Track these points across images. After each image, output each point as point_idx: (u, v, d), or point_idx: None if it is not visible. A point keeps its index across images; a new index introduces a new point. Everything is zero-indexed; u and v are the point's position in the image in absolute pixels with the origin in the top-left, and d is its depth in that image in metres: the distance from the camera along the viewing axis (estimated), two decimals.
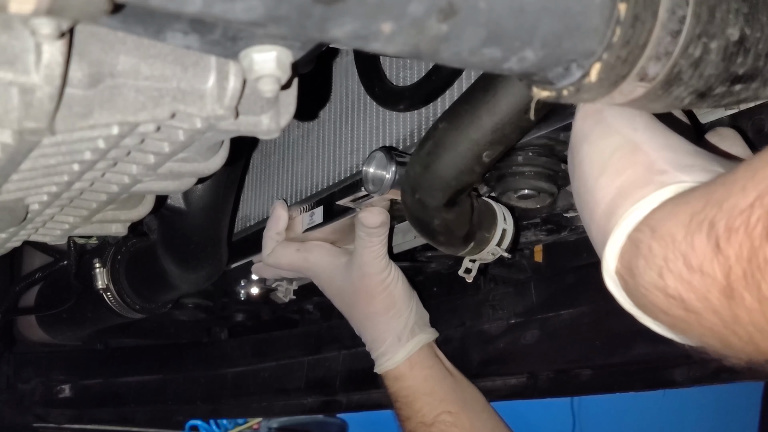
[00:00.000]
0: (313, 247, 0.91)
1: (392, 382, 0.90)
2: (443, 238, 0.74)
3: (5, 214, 0.60)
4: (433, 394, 0.90)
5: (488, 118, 0.60)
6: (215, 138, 0.55)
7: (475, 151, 0.63)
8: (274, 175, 1.00)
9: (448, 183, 0.66)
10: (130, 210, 0.75)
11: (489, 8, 0.37)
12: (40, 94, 0.40)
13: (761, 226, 0.34)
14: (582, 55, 0.42)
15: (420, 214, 0.71)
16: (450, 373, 0.93)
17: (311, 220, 0.89)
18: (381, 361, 0.90)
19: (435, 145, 0.65)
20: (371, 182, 0.75)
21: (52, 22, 0.36)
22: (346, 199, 0.83)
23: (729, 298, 0.36)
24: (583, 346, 0.88)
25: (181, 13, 0.34)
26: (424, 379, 0.90)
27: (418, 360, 0.91)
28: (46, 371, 1.52)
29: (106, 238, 1.13)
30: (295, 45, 0.43)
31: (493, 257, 0.80)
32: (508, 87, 0.58)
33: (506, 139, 0.62)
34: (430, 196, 0.68)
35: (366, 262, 0.87)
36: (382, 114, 0.83)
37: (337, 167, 0.89)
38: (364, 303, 0.89)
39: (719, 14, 0.42)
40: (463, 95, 0.64)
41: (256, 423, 2.34)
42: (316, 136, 0.93)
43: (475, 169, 0.64)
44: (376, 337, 0.90)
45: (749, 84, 0.45)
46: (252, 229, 1.03)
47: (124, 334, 1.45)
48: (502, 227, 0.78)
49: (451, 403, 0.90)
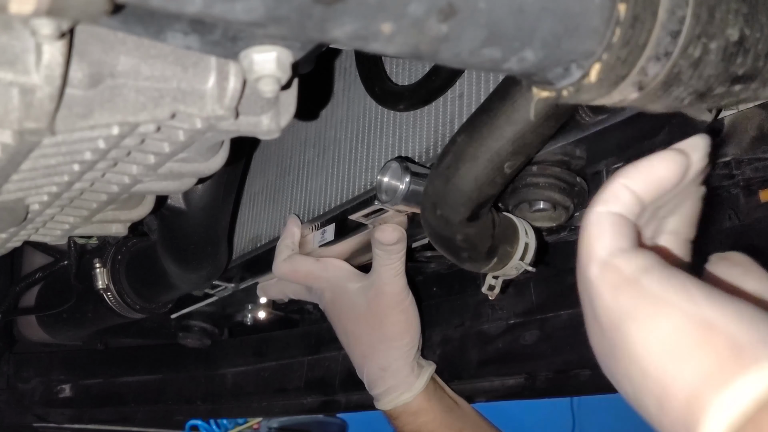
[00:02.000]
0: (331, 260, 0.88)
1: (411, 417, 0.85)
2: (467, 254, 0.72)
3: (5, 214, 0.60)
4: (453, 425, 0.86)
5: (508, 127, 0.58)
6: (215, 138, 0.55)
7: (496, 162, 0.61)
8: (288, 194, 0.99)
9: (469, 196, 0.64)
10: (130, 210, 0.75)
11: (489, 9, 0.37)
12: (41, 95, 0.40)
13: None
14: (582, 56, 0.42)
15: (442, 230, 0.69)
16: (454, 400, 0.90)
17: (323, 238, 0.88)
18: (393, 395, 0.85)
19: (455, 159, 0.63)
20: (385, 192, 0.74)
21: (52, 22, 0.36)
22: (358, 213, 0.81)
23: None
24: (582, 346, 0.87)
25: (181, 14, 0.34)
26: (443, 411, 0.86)
27: (433, 390, 0.87)
28: (46, 371, 1.52)
29: (107, 238, 1.14)
30: (295, 45, 0.43)
31: (516, 272, 0.78)
32: (527, 94, 0.57)
33: (527, 148, 0.61)
34: (453, 211, 0.66)
35: (385, 281, 0.83)
36: (399, 131, 0.82)
37: (351, 185, 0.87)
38: (378, 323, 0.85)
39: (719, 14, 0.42)
40: (480, 106, 0.63)
41: (256, 423, 2.34)
42: (331, 155, 0.92)
43: (497, 180, 0.63)
44: (387, 367, 0.85)
45: (749, 84, 0.45)
46: (263, 248, 1.01)
47: (124, 334, 1.45)
48: (525, 241, 0.76)
49: (469, 430, 0.87)
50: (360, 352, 0.88)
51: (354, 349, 0.89)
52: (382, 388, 0.86)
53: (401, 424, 0.86)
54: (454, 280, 1.06)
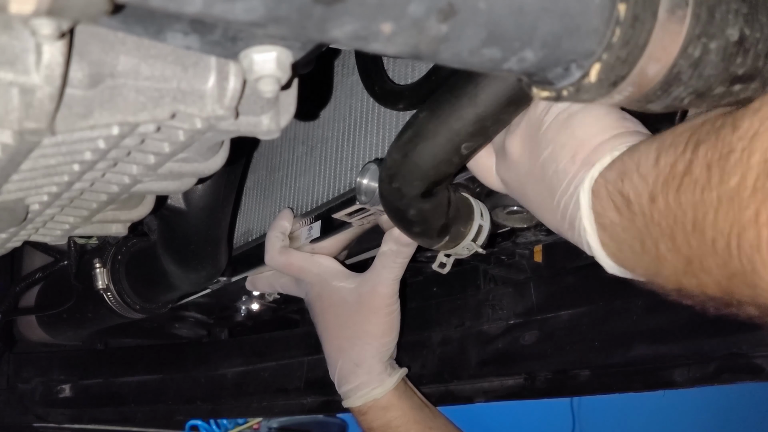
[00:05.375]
0: (323, 257, 0.90)
1: (380, 412, 0.88)
2: (419, 228, 0.73)
3: (5, 214, 0.60)
4: (423, 422, 0.89)
5: (470, 108, 0.59)
6: (215, 138, 0.55)
7: (455, 142, 0.62)
8: (278, 190, 1.00)
9: (426, 173, 0.65)
10: (130, 210, 0.75)
11: (489, 9, 0.37)
12: (41, 95, 0.40)
13: (692, 146, 0.42)
14: (581, 56, 0.42)
15: (397, 203, 0.70)
16: (425, 402, 0.92)
17: (309, 234, 0.90)
18: (364, 391, 0.88)
19: (414, 134, 0.64)
20: (364, 193, 0.76)
21: (52, 22, 0.36)
22: (341, 212, 0.83)
23: (651, 200, 0.45)
24: (582, 346, 0.88)
25: (181, 14, 0.34)
26: (413, 408, 0.89)
27: (403, 389, 0.89)
28: (46, 371, 1.52)
29: (107, 239, 1.13)
30: (295, 45, 0.43)
31: (468, 252, 0.80)
32: (491, 78, 0.58)
33: (487, 132, 0.61)
34: (408, 185, 0.67)
35: (382, 282, 0.86)
36: (384, 131, 0.83)
37: (338, 183, 0.89)
38: (363, 319, 0.87)
39: (719, 14, 0.42)
40: (446, 85, 0.63)
41: (256, 423, 2.34)
42: (319, 152, 0.93)
43: (454, 160, 0.64)
44: (361, 362, 0.88)
45: (749, 84, 0.45)
46: (254, 243, 1.02)
47: (124, 334, 1.45)
48: (479, 223, 0.77)
49: (438, 429, 0.90)
50: (337, 345, 0.90)
51: (331, 343, 0.91)
52: (353, 383, 0.88)
53: (369, 420, 0.89)
54: (454, 280, 1.06)
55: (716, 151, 0.41)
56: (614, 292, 0.86)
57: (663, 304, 0.81)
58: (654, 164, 0.45)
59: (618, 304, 0.86)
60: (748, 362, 0.76)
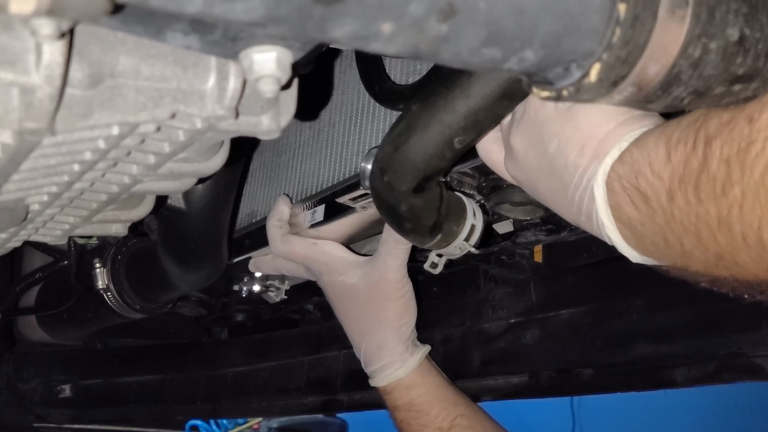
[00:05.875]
0: (327, 243, 0.91)
1: (404, 391, 0.89)
2: (410, 225, 0.72)
3: (5, 214, 0.60)
4: (447, 399, 0.90)
5: (462, 101, 0.58)
6: (215, 138, 0.55)
7: (447, 135, 0.61)
8: (284, 173, 1.01)
9: (417, 167, 0.64)
10: (130, 210, 0.75)
11: (489, 9, 0.37)
12: (41, 95, 0.40)
13: (702, 142, 0.43)
14: (582, 56, 0.42)
15: (387, 197, 0.69)
16: (447, 381, 0.93)
17: (312, 218, 0.90)
18: (388, 372, 0.89)
19: (407, 127, 0.63)
20: (367, 179, 0.75)
21: (52, 22, 0.36)
22: (345, 196, 0.83)
23: (670, 198, 0.45)
24: (583, 345, 0.88)
25: (181, 14, 0.34)
26: (436, 386, 0.90)
27: (427, 368, 0.91)
28: (46, 371, 1.52)
29: (107, 238, 1.13)
30: (295, 45, 0.43)
31: (460, 252, 0.79)
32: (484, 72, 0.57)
33: (479, 126, 0.60)
34: (399, 179, 0.66)
35: (389, 269, 0.87)
36: (390, 117, 0.83)
37: (343, 167, 0.89)
38: (378, 306, 0.89)
39: (719, 14, 0.42)
40: (439, 77, 0.62)
41: (256, 423, 2.34)
42: (325, 137, 0.93)
43: (446, 154, 0.63)
44: (383, 345, 0.89)
45: (749, 84, 0.45)
46: (258, 224, 1.03)
47: (124, 334, 1.45)
48: (471, 222, 0.76)
49: (464, 407, 0.90)
50: (358, 330, 0.92)
51: (352, 328, 0.93)
52: (378, 365, 0.90)
53: (394, 398, 0.90)
54: (455, 280, 1.06)
55: (734, 145, 0.41)
56: (614, 291, 0.86)
57: (663, 304, 0.81)
58: (666, 161, 0.45)
59: (618, 304, 0.86)
60: (748, 362, 0.76)
